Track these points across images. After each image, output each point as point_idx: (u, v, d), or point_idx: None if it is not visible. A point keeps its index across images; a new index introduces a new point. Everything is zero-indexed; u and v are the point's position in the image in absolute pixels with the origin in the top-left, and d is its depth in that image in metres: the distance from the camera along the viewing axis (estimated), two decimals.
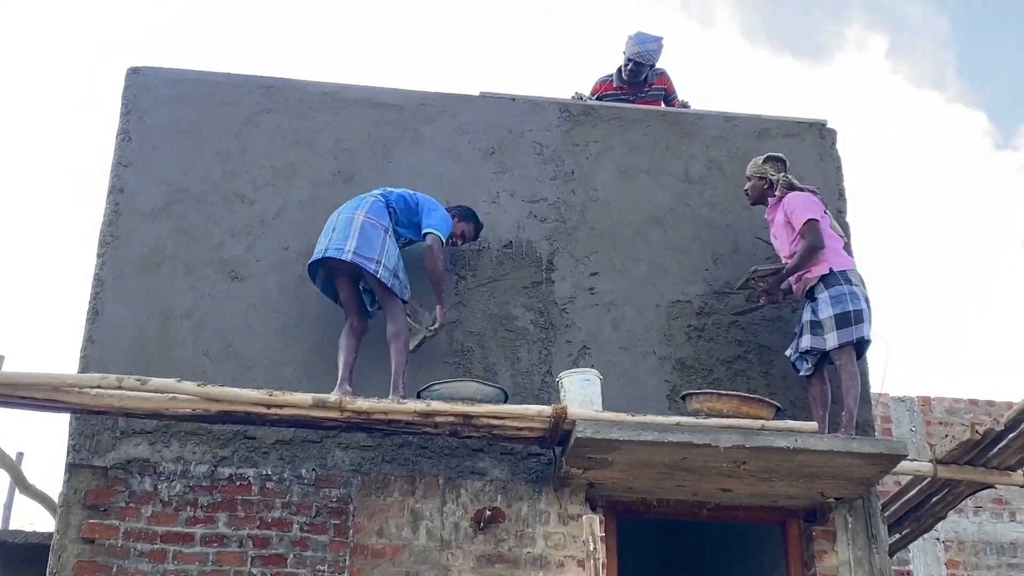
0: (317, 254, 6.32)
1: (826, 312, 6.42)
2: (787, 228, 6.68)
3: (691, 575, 9.31)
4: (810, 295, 6.56)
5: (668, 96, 8.70)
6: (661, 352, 6.79)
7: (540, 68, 25.74)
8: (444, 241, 6.46)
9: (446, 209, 6.61)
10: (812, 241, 6.52)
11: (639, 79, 8.60)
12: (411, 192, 6.58)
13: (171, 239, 6.73)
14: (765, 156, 6.92)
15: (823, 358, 6.48)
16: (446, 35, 26.54)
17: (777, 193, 6.78)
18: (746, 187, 6.95)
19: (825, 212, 6.76)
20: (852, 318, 6.39)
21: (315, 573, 5.92)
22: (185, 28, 24.79)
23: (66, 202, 25.99)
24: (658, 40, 8.61)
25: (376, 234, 6.29)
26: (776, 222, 6.77)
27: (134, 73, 7.18)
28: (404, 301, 6.34)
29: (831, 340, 6.38)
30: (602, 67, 8.76)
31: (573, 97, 8.27)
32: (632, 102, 8.38)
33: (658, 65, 8.66)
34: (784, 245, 6.70)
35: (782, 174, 6.82)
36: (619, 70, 8.67)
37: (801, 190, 6.76)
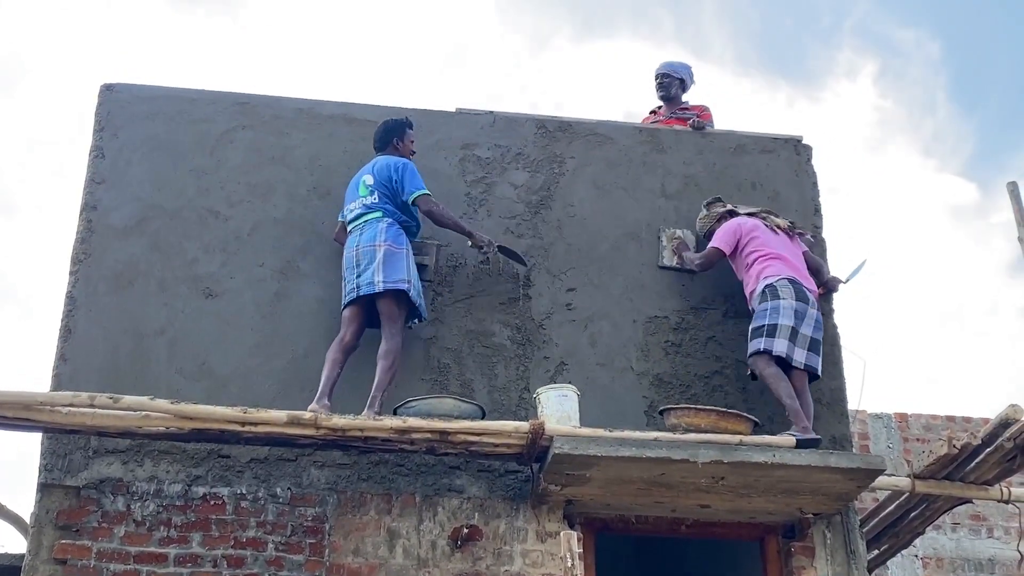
0: (351, 294, 6.34)
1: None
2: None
3: None
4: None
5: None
6: (639, 368, 6.77)
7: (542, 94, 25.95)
8: (427, 193, 6.56)
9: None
10: (698, 263, 6.92)
11: (670, 94, 8.56)
12: (387, 173, 6.57)
13: (144, 256, 6.68)
14: (705, 204, 7.16)
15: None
16: (423, 52, 26.58)
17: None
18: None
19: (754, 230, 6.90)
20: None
21: None
22: (159, 47, 24.72)
23: (40, 217, 25.83)
24: (685, 65, 8.70)
25: (399, 258, 6.37)
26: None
27: (107, 90, 7.14)
28: (423, 320, 6.53)
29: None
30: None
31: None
32: (665, 122, 8.31)
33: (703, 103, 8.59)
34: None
35: (725, 205, 7.07)
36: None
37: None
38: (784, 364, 6.46)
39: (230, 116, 7.16)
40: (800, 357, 6.47)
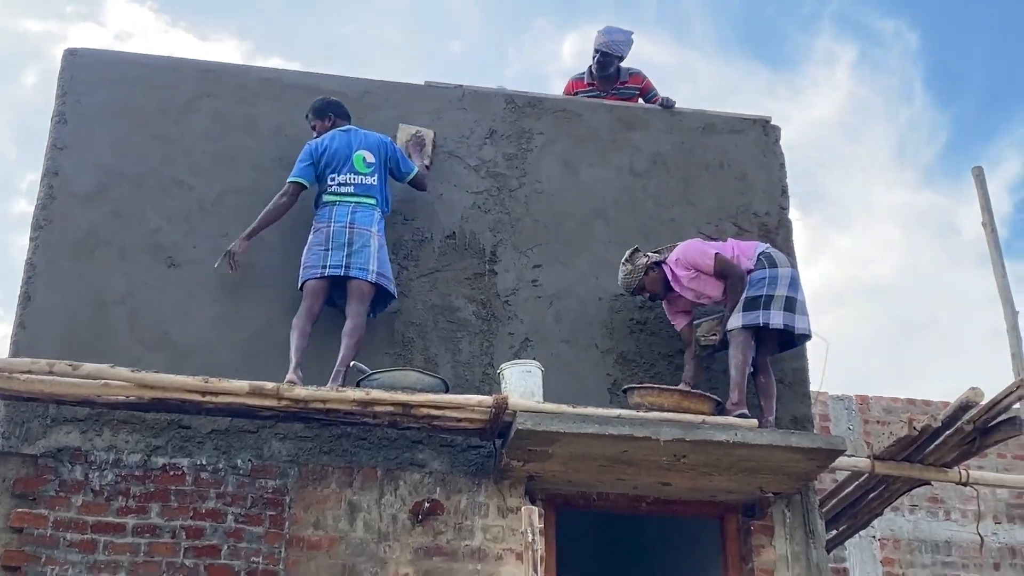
0: (335, 269, 6.25)
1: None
2: (702, 277, 6.59)
3: (630, 570, 9.30)
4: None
5: (647, 95, 8.17)
6: (603, 345, 6.77)
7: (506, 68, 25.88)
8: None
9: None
10: (737, 271, 6.52)
11: (608, 72, 8.23)
12: (384, 152, 6.61)
13: (106, 224, 6.59)
14: (624, 259, 6.63)
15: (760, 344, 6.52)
16: (399, 31, 26.39)
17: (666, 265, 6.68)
18: (647, 294, 6.69)
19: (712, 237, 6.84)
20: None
21: (250, 565, 5.83)
22: (125, 17, 24.41)
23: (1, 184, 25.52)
24: (627, 33, 8.31)
25: (385, 252, 6.42)
26: (684, 283, 6.62)
27: (71, 55, 7.03)
28: (375, 316, 6.51)
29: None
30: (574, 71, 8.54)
31: None
32: (604, 98, 8.11)
33: (632, 66, 8.34)
34: (712, 289, 6.61)
35: (647, 256, 6.66)
36: (590, 67, 8.35)
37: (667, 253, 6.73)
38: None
39: (195, 84, 7.08)
40: (803, 324, 6.50)
